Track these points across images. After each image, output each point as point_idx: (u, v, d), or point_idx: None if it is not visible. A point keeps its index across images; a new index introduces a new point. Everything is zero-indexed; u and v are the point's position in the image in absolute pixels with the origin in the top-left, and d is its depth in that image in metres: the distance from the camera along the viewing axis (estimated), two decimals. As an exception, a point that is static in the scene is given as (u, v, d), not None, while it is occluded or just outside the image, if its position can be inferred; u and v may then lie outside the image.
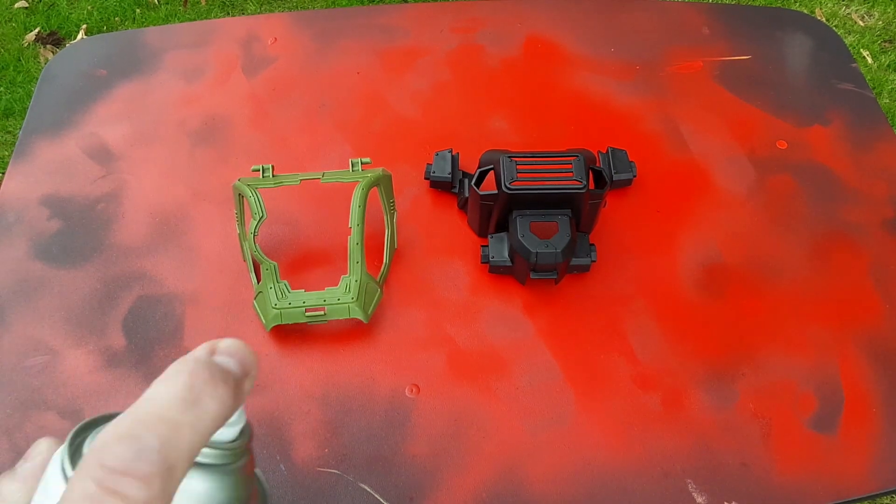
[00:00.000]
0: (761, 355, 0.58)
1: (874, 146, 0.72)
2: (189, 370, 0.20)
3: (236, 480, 0.22)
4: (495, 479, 0.52)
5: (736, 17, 0.83)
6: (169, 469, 0.18)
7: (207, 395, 0.20)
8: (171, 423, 0.19)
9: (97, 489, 0.18)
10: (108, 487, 0.18)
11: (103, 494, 0.18)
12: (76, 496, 0.18)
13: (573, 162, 0.57)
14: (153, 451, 0.18)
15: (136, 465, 0.18)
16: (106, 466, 0.18)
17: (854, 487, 0.52)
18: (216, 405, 0.20)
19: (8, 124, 1.64)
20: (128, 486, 0.18)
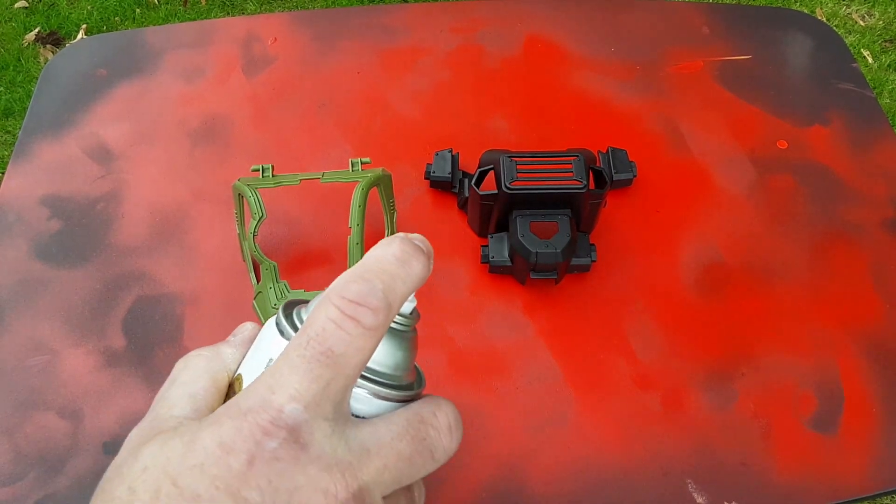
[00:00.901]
0: (761, 355, 0.58)
1: (874, 146, 0.72)
2: (400, 239, 0.27)
3: (410, 346, 0.28)
4: (495, 478, 0.52)
5: (736, 17, 0.83)
6: (389, 306, 0.24)
7: (413, 258, 0.26)
8: (390, 274, 0.25)
9: (339, 314, 0.24)
10: (347, 313, 0.24)
11: (343, 318, 0.24)
12: (322, 317, 0.24)
13: (573, 162, 0.57)
14: (380, 290, 0.24)
15: (369, 298, 0.24)
16: (345, 297, 0.24)
17: (854, 487, 0.52)
18: (419, 267, 0.26)
19: (8, 124, 1.64)
20: (362, 313, 0.24)
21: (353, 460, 0.23)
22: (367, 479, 0.23)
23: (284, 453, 0.22)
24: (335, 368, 0.23)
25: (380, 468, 0.24)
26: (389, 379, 0.27)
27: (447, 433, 0.26)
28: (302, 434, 0.23)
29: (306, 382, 0.23)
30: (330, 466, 0.23)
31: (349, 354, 0.23)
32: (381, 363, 0.27)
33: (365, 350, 0.24)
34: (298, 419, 0.23)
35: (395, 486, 0.25)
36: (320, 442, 0.23)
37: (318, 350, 0.23)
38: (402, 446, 0.25)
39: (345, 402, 0.24)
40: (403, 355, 0.28)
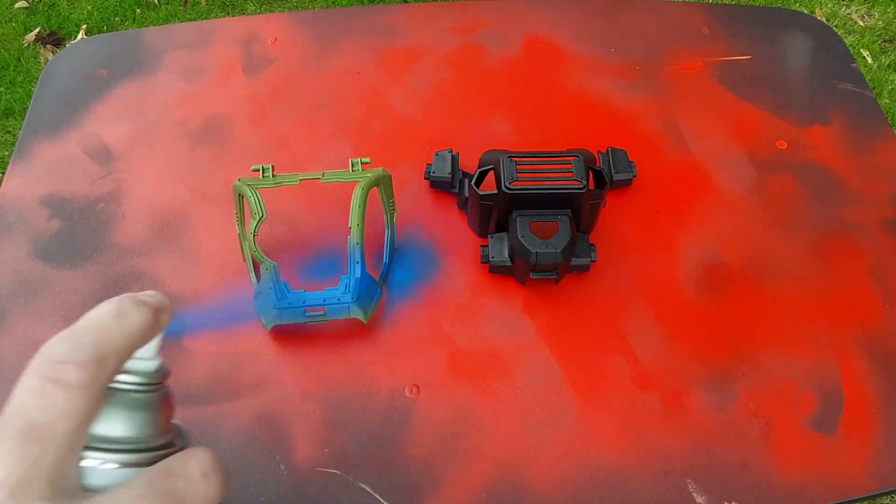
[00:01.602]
0: (761, 355, 0.58)
1: (874, 146, 0.72)
2: (116, 298, 0.25)
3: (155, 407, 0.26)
4: (495, 479, 0.52)
5: (736, 17, 0.83)
6: (101, 360, 0.22)
7: (132, 312, 0.24)
8: (103, 328, 0.23)
9: (39, 381, 0.21)
10: (49, 377, 0.21)
11: (45, 384, 0.21)
12: (21, 390, 0.21)
13: (573, 162, 0.57)
14: (88, 344, 0.22)
15: (73, 354, 0.22)
16: (48, 360, 0.22)
17: (854, 487, 0.52)
18: (140, 319, 0.24)
19: (8, 124, 1.64)
20: (65, 371, 0.22)
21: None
22: None
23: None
24: (41, 442, 0.21)
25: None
26: (131, 444, 0.25)
27: (200, 481, 0.24)
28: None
29: (8, 466, 0.20)
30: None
31: (55, 423, 0.21)
32: (121, 429, 0.25)
33: (74, 415, 0.22)
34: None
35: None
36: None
37: (16, 428, 0.21)
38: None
39: (65, 477, 0.22)
40: (146, 418, 0.25)
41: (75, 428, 0.22)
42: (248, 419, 0.55)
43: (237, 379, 0.56)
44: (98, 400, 0.23)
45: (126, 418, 0.25)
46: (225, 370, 0.57)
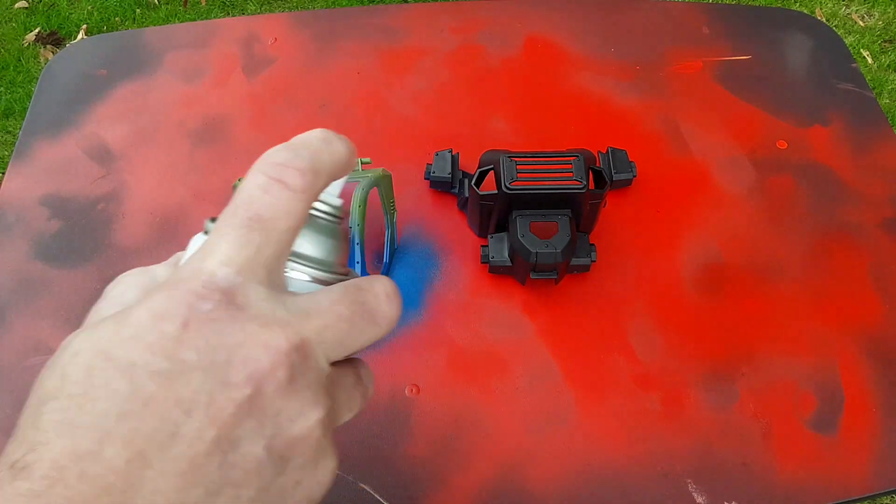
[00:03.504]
0: (761, 355, 0.58)
1: (874, 146, 0.72)
2: (321, 129, 0.26)
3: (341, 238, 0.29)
4: (495, 479, 0.52)
5: (736, 17, 0.83)
6: (315, 171, 0.24)
7: (336, 141, 0.26)
8: (315, 148, 0.25)
9: (265, 179, 0.24)
10: (273, 177, 0.23)
11: (270, 182, 0.23)
12: (249, 185, 0.24)
13: (573, 162, 0.57)
14: (306, 156, 0.24)
15: (295, 161, 0.24)
16: (271, 162, 0.24)
17: (854, 487, 0.52)
18: (342, 147, 0.26)
19: (8, 124, 1.64)
20: (289, 175, 0.24)
21: (293, 319, 0.23)
22: (308, 335, 0.23)
23: (220, 314, 0.22)
24: (265, 233, 0.23)
25: (320, 327, 0.23)
26: (323, 265, 0.27)
27: (385, 300, 0.26)
28: (237, 296, 0.22)
29: (236, 248, 0.23)
30: (269, 323, 0.22)
31: (278, 218, 0.23)
32: (314, 250, 0.27)
33: (293, 214, 0.24)
34: (232, 282, 0.22)
35: (338, 349, 0.24)
36: (257, 303, 0.23)
37: (245, 216, 0.23)
38: (342, 308, 0.24)
39: (279, 270, 0.24)
40: (335, 244, 0.28)
41: (293, 227, 0.24)
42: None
43: (237, 379, 0.56)
44: (307, 211, 0.25)
45: (318, 241, 0.27)
46: (225, 370, 0.57)
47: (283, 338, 0.22)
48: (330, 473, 0.25)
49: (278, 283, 0.24)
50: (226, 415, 0.21)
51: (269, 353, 0.22)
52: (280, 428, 0.22)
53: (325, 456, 0.24)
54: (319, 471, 0.24)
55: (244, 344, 0.22)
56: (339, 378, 0.26)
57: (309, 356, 0.23)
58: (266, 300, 0.23)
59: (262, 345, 0.22)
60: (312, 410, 0.23)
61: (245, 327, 0.22)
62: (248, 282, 0.23)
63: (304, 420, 0.23)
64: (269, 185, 0.23)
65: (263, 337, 0.22)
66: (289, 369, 0.22)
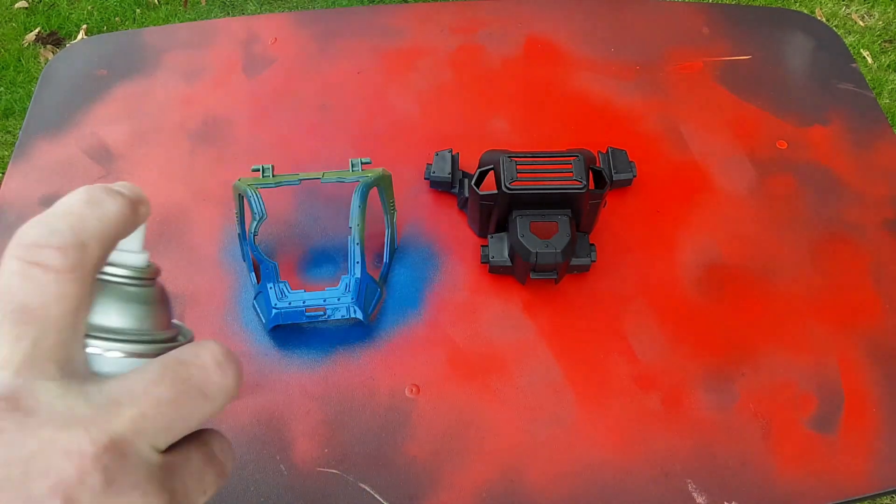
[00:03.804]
0: (761, 355, 0.58)
1: (874, 146, 0.72)
2: (86, 187, 0.23)
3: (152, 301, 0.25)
4: (495, 479, 0.52)
5: (736, 17, 0.83)
6: (81, 244, 0.21)
7: (105, 200, 0.22)
8: (77, 215, 0.22)
9: (20, 263, 0.21)
10: (30, 260, 0.20)
11: (26, 267, 0.20)
12: (5, 273, 0.21)
13: (573, 162, 0.57)
14: (64, 229, 0.21)
15: (52, 238, 0.21)
16: (23, 243, 0.21)
17: (854, 487, 0.52)
18: (116, 207, 0.22)
19: (8, 124, 1.64)
20: (47, 255, 0.21)
21: (98, 414, 0.20)
22: (120, 430, 0.20)
23: (5, 424, 0.19)
24: (37, 324, 0.20)
25: (136, 416, 0.21)
26: (133, 335, 0.24)
27: (216, 369, 0.23)
28: (22, 400, 0.20)
29: (8, 346, 0.20)
30: (68, 424, 0.20)
31: (47, 305, 0.21)
32: (119, 321, 0.24)
33: (66, 296, 0.21)
34: (11, 385, 0.20)
35: (166, 435, 0.22)
36: (49, 403, 0.20)
37: (9, 310, 0.20)
38: (161, 391, 0.22)
39: (72, 360, 0.21)
40: (144, 310, 0.25)
41: (71, 310, 0.21)
42: (248, 419, 0.55)
43: (237, 379, 0.56)
44: (89, 286, 0.22)
45: (123, 310, 0.24)
46: (225, 370, 0.57)
47: (87, 440, 0.20)
48: None
49: (77, 372, 0.21)
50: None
51: (72, 460, 0.19)
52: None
53: None
54: None
55: (40, 454, 0.19)
56: (181, 464, 0.23)
57: (126, 453, 0.20)
58: (61, 398, 0.20)
59: (61, 452, 0.19)
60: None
61: (38, 434, 0.19)
62: (33, 381, 0.20)
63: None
64: (26, 270, 0.20)
65: (62, 442, 0.19)
66: (101, 473, 0.19)
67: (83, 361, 0.22)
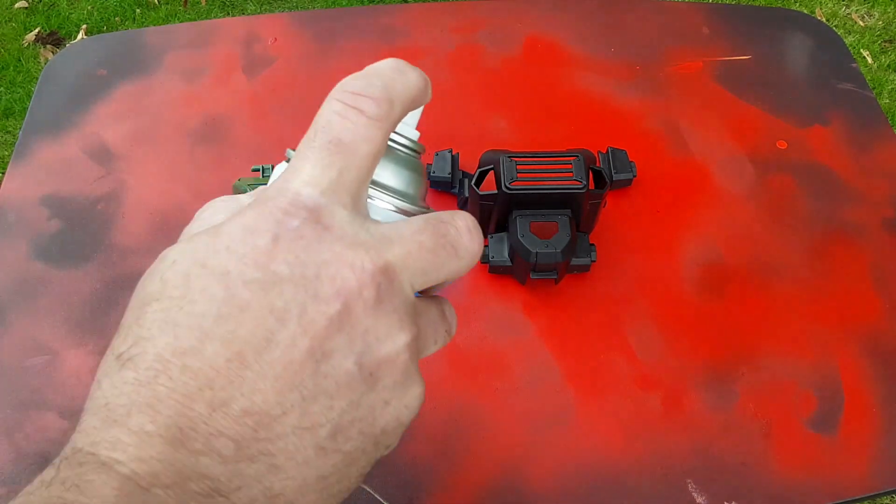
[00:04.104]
0: (761, 355, 0.58)
1: (874, 146, 0.72)
2: (392, 59, 0.27)
3: (420, 172, 0.30)
4: (495, 479, 0.52)
5: (736, 17, 0.83)
6: (390, 100, 0.25)
7: (409, 70, 0.26)
8: (388, 77, 0.26)
9: (342, 106, 0.24)
10: (349, 104, 0.24)
11: (346, 109, 0.24)
12: (326, 111, 0.25)
13: (573, 162, 0.57)
14: (379, 85, 0.25)
15: (369, 90, 0.25)
16: (346, 90, 0.25)
17: (854, 487, 0.52)
18: (416, 78, 0.27)
19: (8, 124, 1.64)
20: (364, 103, 0.24)
21: (376, 243, 0.23)
22: (392, 259, 0.23)
23: (307, 232, 0.22)
24: (345, 156, 0.24)
25: (403, 254, 0.24)
26: (404, 196, 0.28)
27: (467, 233, 0.26)
28: (322, 216, 0.23)
29: (319, 169, 0.23)
30: (354, 245, 0.23)
31: (357, 143, 0.24)
32: (395, 182, 0.28)
33: (372, 140, 0.24)
34: (317, 202, 0.23)
35: (422, 278, 0.25)
36: (341, 224, 0.23)
37: (326, 140, 0.24)
38: (424, 238, 0.24)
39: (361, 197, 0.25)
40: (415, 177, 0.29)
41: (373, 153, 0.24)
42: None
43: (237, 379, 0.56)
44: (386, 139, 0.25)
45: (399, 173, 0.28)
46: (225, 370, 0.57)
47: (369, 259, 0.23)
48: (417, 399, 0.26)
49: (361, 210, 0.25)
50: (318, 327, 0.21)
51: (355, 273, 0.22)
52: (369, 346, 0.23)
53: (412, 382, 0.25)
54: (408, 395, 0.25)
55: (331, 262, 0.22)
56: (424, 310, 0.26)
57: (394, 280, 0.23)
58: (350, 223, 0.23)
59: (348, 264, 0.22)
60: (400, 333, 0.24)
61: (332, 247, 0.22)
62: (332, 203, 0.23)
63: (391, 342, 0.23)
64: (346, 111, 0.24)
65: (349, 257, 0.22)
66: (375, 290, 0.22)
67: (365, 204, 0.25)
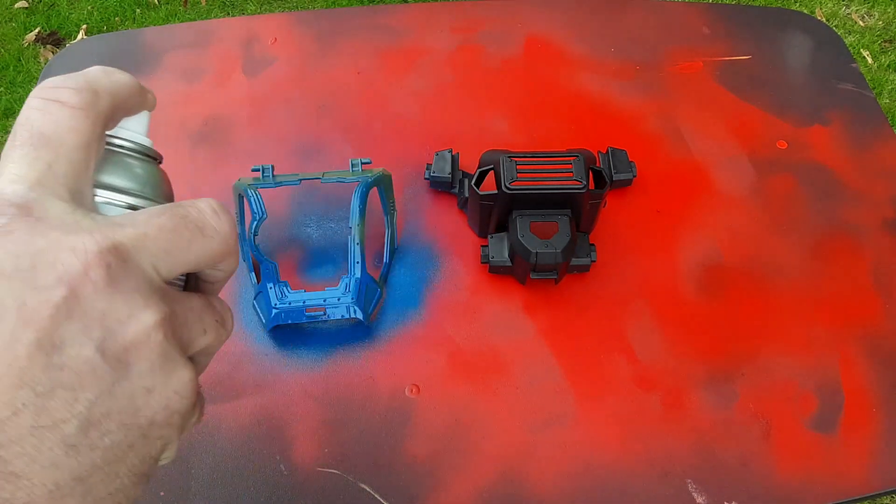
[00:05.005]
0: (761, 355, 0.58)
1: (874, 146, 0.72)
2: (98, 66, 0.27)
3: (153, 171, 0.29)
4: (495, 479, 0.52)
5: (736, 17, 0.83)
6: (94, 91, 0.25)
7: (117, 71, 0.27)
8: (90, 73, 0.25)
9: (41, 101, 0.24)
10: (48, 98, 0.24)
11: (46, 103, 0.24)
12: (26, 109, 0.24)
13: (573, 162, 0.57)
14: (80, 78, 0.25)
15: (68, 82, 0.24)
16: (46, 87, 0.24)
17: (854, 487, 0.52)
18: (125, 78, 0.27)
19: (8, 124, 1.64)
20: (63, 94, 0.24)
21: (102, 227, 0.22)
22: (122, 239, 0.22)
23: (17, 226, 0.21)
24: (52, 149, 0.23)
25: (137, 235, 0.23)
26: (139, 194, 0.27)
27: (212, 213, 0.25)
28: (34, 209, 0.22)
29: (24, 165, 0.23)
30: (76, 230, 0.22)
31: (62, 134, 0.23)
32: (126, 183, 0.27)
33: (78, 130, 0.24)
34: (25, 197, 0.22)
35: (166, 259, 0.24)
36: (58, 214, 0.22)
37: (26, 136, 0.23)
38: (162, 220, 0.24)
39: (83, 191, 0.24)
40: (148, 179, 0.28)
41: (83, 144, 0.24)
42: (248, 419, 0.55)
43: (237, 379, 0.56)
44: (99, 129, 0.25)
45: (130, 174, 0.27)
46: (225, 370, 0.57)
47: (93, 241, 0.22)
48: (187, 385, 0.24)
49: (85, 204, 0.24)
50: (42, 317, 0.20)
51: (78, 256, 0.21)
52: (109, 330, 0.21)
53: (175, 365, 0.23)
54: (173, 380, 0.23)
55: (48, 250, 0.21)
56: (182, 297, 0.25)
57: (128, 259, 0.22)
58: (69, 213, 0.22)
59: (69, 248, 0.21)
60: (144, 313, 0.22)
61: (47, 235, 0.21)
62: (44, 197, 0.22)
63: (136, 323, 0.22)
64: (45, 105, 0.24)
65: (70, 241, 0.21)
66: (105, 270, 0.21)
67: (91, 201, 0.25)
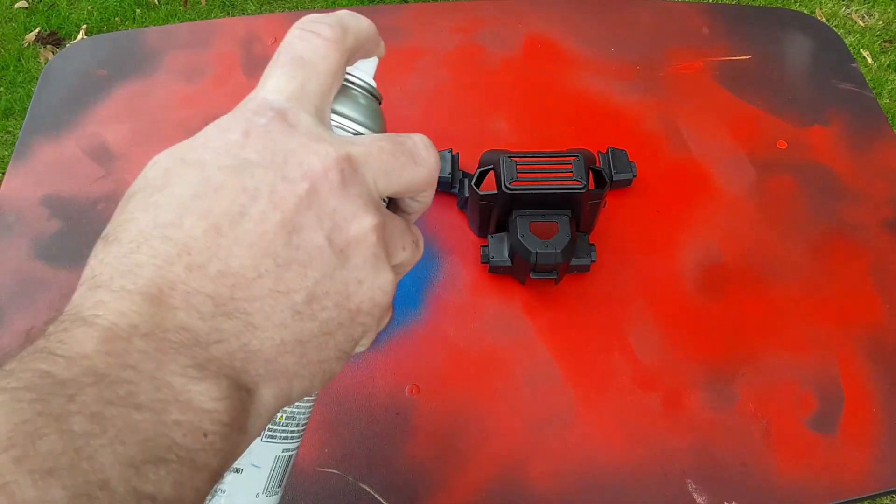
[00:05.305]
0: (761, 355, 0.58)
1: (874, 146, 0.72)
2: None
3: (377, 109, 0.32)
4: (495, 479, 0.52)
5: (736, 17, 0.83)
6: (343, 28, 0.28)
7: (362, 17, 0.30)
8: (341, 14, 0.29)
9: (300, 31, 0.28)
10: (307, 29, 0.28)
11: (305, 33, 0.28)
12: (288, 37, 0.28)
13: (573, 162, 0.57)
14: (333, 17, 0.29)
15: (324, 19, 0.28)
16: (305, 21, 0.28)
17: (854, 487, 0.52)
18: (367, 22, 0.30)
19: (8, 124, 1.64)
20: (320, 27, 0.28)
21: (339, 140, 0.26)
22: (354, 153, 0.26)
23: (275, 127, 0.25)
24: (306, 70, 0.27)
25: (364, 152, 0.26)
26: (364, 126, 0.30)
27: (423, 147, 0.28)
28: (288, 116, 0.26)
29: (283, 80, 0.26)
30: (319, 139, 0.25)
31: (316, 60, 0.27)
32: (356, 114, 0.30)
33: (329, 59, 0.27)
34: (283, 105, 0.26)
35: (384, 178, 0.27)
36: (306, 125, 0.26)
37: (288, 57, 0.27)
38: (384, 143, 0.27)
39: (324, 111, 0.28)
40: (373, 114, 0.31)
41: (331, 70, 0.27)
42: (248, 419, 0.54)
43: (237, 379, 0.56)
44: (343, 62, 0.28)
45: (359, 109, 0.30)
46: (225, 370, 0.57)
47: (332, 149, 0.25)
48: (389, 284, 0.27)
49: (325, 122, 0.27)
50: (288, 203, 0.24)
51: (320, 159, 0.25)
52: (337, 224, 0.25)
53: (382, 266, 0.26)
54: (380, 278, 0.26)
55: (297, 151, 0.25)
56: (390, 215, 0.28)
57: (357, 169, 0.25)
58: (314, 126, 0.26)
59: (313, 152, 0.25)
60: (365, 216, 0.25)
61: (297, 138, 0.25)
62: (296, 108, 0.26)
63: (357, 223, 0.25)
64: (304, 35, 0.27)
65: (314, 147, 0.25)
66: (339, 174, 0.25)
67: (328, 120, 0.28)
